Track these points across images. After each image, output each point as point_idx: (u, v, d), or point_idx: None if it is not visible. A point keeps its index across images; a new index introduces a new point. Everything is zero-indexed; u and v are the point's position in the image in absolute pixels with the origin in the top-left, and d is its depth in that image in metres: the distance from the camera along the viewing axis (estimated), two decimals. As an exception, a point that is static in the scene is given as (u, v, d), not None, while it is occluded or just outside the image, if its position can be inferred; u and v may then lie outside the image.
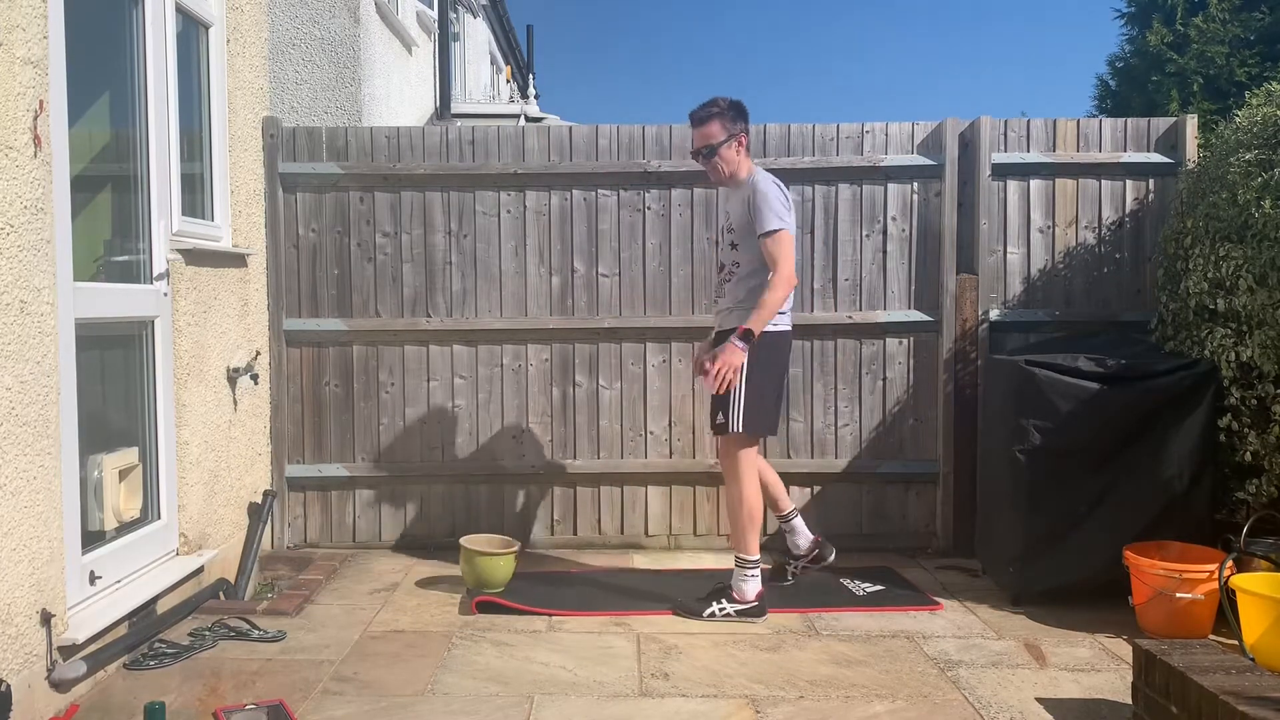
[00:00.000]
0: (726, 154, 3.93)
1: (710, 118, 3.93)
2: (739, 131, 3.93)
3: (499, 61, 15.60)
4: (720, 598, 3.97)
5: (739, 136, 3.93)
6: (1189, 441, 4.00)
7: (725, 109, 3.93)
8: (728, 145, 3.92)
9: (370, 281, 5.00)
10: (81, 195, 3.50)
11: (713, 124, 3.92)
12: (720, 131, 3.91)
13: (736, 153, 3.94)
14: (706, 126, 3.94)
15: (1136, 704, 2.96)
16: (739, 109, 3.96)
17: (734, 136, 3.92)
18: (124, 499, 3.63)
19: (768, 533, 4.74)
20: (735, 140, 3.93)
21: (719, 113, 3.92)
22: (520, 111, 9.71)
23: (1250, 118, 4.15)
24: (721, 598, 3.97)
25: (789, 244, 3.81)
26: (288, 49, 6.65)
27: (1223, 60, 7.57)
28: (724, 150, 3.92)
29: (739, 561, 3.98)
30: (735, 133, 3.92)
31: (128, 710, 3.09)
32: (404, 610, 4.11)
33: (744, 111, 3.98)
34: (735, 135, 3.92)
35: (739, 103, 3.98)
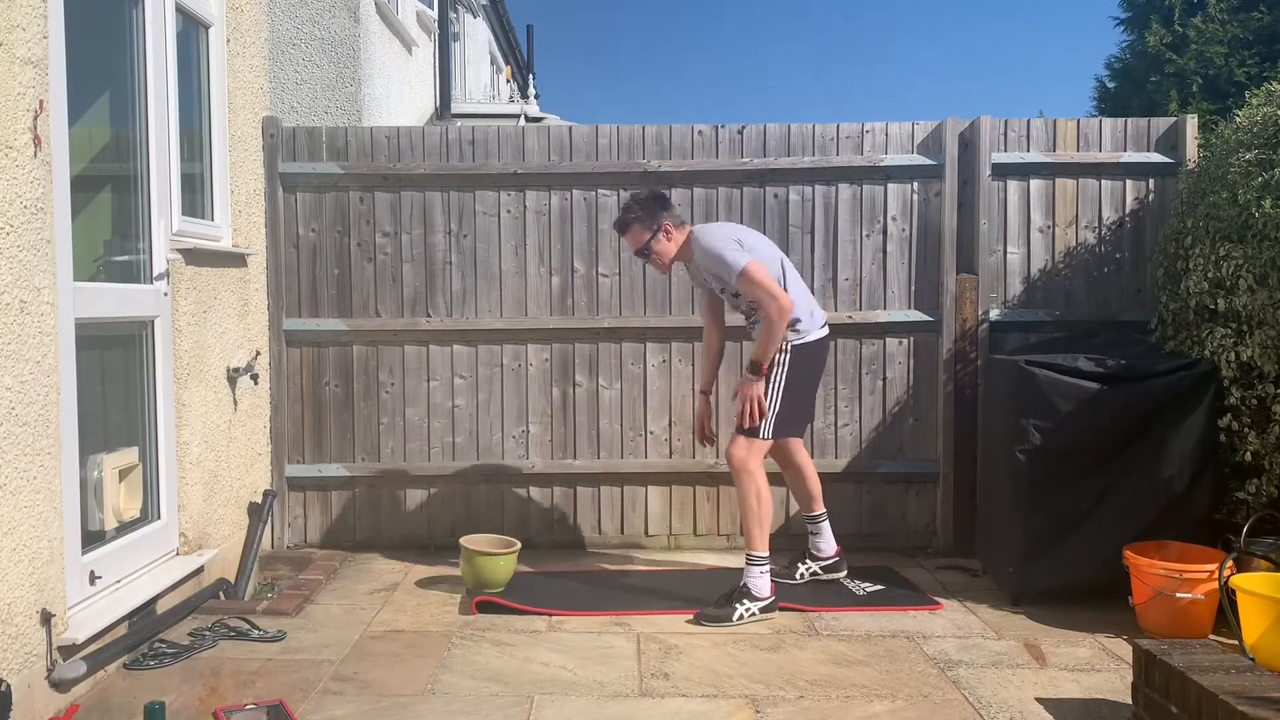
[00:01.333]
0: (659, 248, 4.07)
1: (630, 224, 4.08)
2: (661, 223, 4.05)
3: (499, 61, 15.60)
4: (742, 599, 3.97)
5: (663, 227, 4.05)
6: (1189, 441, 4.00)
7: (639, 211, 4.07)
8: (655, 240, 4.06)
9: (370, 281, 5.00)
10: (81, 195, 3.50)
11: (633, 229, 4.08)
12: (644, 232, 4.06)
13: (668, 240, 4.07)
14: (630, 233, 4.11)
15: (1136, 704, 2.96)
16: (653, 202, 4.10)
17: (658, 231, 4.05)
18: (124, 499, 3.63)
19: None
20: (661, 232, 4.05)
21: (635, 217, 4.07)
22: (520, 111, 9.71)
23: (1250, 117, 4.15)
24: (743, 598, 3.97)
25: (761, 271, 3.88)
26: (288, 49, 6.65)
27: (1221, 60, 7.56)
28: (655, 245, 4.07)
29: (752, 559, 3.99)
30: (657, 227, 4.05)
31: (128, 710, 3.09)
32: (404, 610, 4.10)
33: (660, 200, 4.13)
34: (659, 228, 4.05)
35: (652, 196, 4.15)
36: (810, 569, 4.40)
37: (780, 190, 4.97)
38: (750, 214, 4.97)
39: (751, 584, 3.98)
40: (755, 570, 3.99)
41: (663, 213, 4.07)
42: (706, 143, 4.98)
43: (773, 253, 4.11)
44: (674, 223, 4.10)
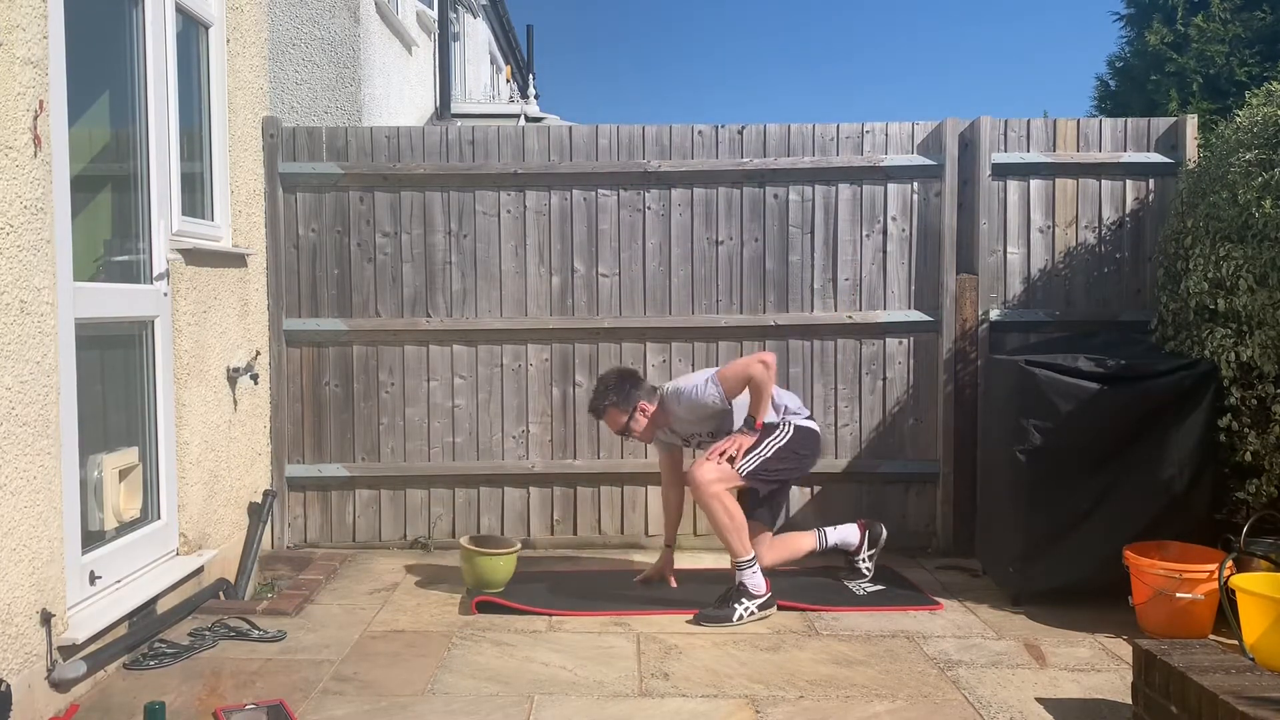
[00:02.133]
0: (638, 425, 4.17)
1: (605, 409, 4.17)
2: (635, 402, 4.14)
3: (499, 61, 15.60)
4: (740, 598, 3.98)
5: (638, 405, 4.14)
6: (1189, 441, 4.00)
7: (614, 397, 4.14)
8: (634, 420, 4.15)
9: (370, 281, 5.00)
10: (81, 195, 3.50)
11: (610, 413, 4.17)
12: (620, 415, 4.15)
13: (645, 416, 4.16)
14: (608, 417, 4.20)
15: (1136, 704, 2.96)
16: (625, 382, 4.17)
17: (633, 411, 4.14)
18: (124, 499, 3.63)
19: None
20: (637, 411, 4.14)
21: (611, 403, 4.15)
22: (520, 111, 9.71)
23: (1251, 117, 4.15)
24: (741, 598, 3.98)
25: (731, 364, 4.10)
26: (288, 49, 6.65)
27: (1223, 60, 7.56)
28: (633, 425, 4.17)
29: (740, 564, 4.00)
30: (631, 407, 4.14)
31: (128, 710, 3.09)
32: (404, 610, 4.11)
33: (632, 379, 4.21)
34: (634, 408, 4.14)
35: (622, 377, 4.21)
36: (863, 558, 4.37)
37: (780, 190, 4.97)
38: (750, 214, 4.97)
39: (747, 582, 3.98)
40: (747, 570, 4.00)
41: (635, 391, 4.15)
42: (706, 143, 4.98)
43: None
44: (647, 398, 4.17)
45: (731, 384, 4.04)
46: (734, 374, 4.03)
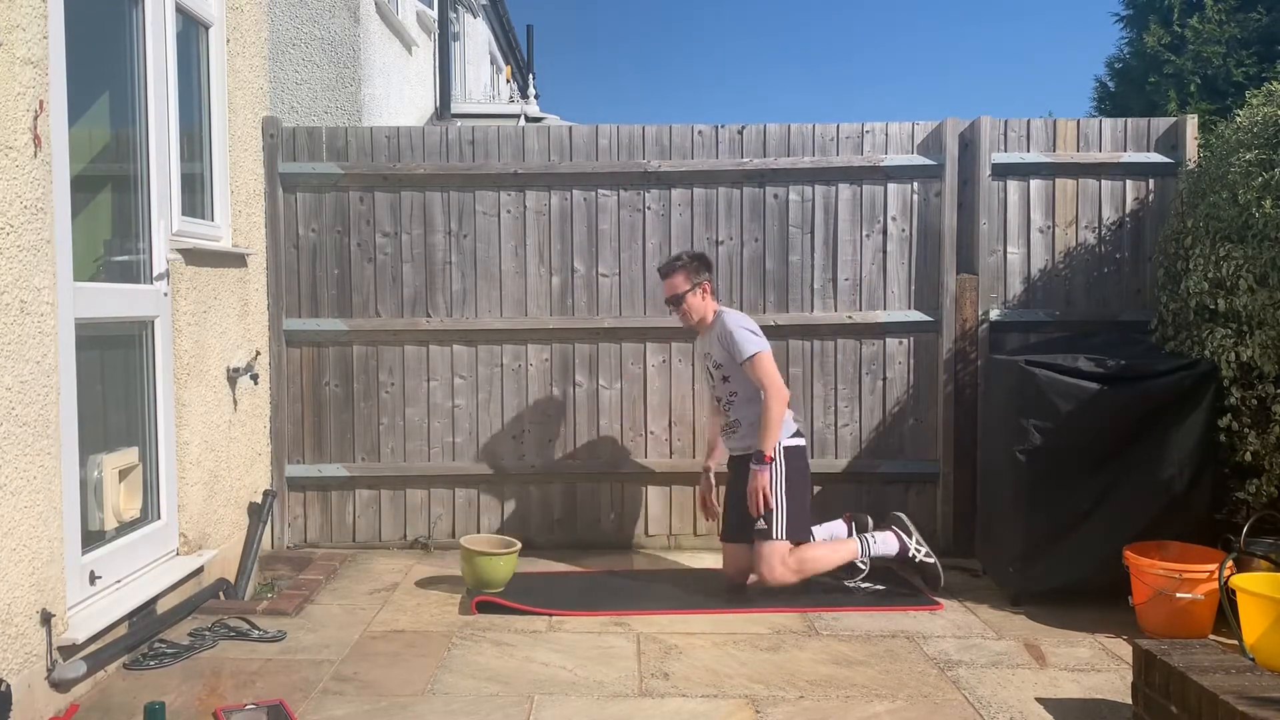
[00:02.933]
0: (693, 301, 4.28)
1: (675, 270, 4.30)
2: (702, 280, 4.29)
3: (499, 61, 15.60)
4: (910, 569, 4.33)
5: (702, 284, 4.28)
6: (1189, 441, 4.00)
7: (688, 261, 4.31)
8: (693, 293, 4.27)
9: (370, 281, 5.00)
10: (81, 195, 3.50)
11: (677, 275, 4.29)
12: (684, 282, 4.27)
13: (702, 299, 4.30)
14: (672, 278, 4.31)
15: (1136, 704, 2.96)
16: (701, 260, 4.35)
17: (698, 285, 4.27)
18: (124, 499, 3.63)
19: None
20: (699, 288, 4.28)
21: (682, 265, 4.30)
22: (520, 111, 9.70)
23: (1251, 118, 4.16)
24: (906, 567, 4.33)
25: (770, 362, 4.15)
26: (288, 49, 6.65)
27: (1220, 61, 7.56)
28: (690, 298, 4.28)
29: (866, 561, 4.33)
30: (699, 282, 4.28)
31: (128, 710, 3.09)
32: (404, 610, 4.10)
33: (706, 262, 4.38)
34: (699, 284, 4.28)
35: (701, 254, 4.41)
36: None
37: (780, 190, 4.97)
38: (750, 214, 4.97)
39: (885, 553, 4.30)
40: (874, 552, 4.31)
41: (706, 273, 4.32)
42: (706, 143, 4.99)
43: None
44: (711, 287, 4.34)
45: (751, 371, 4.13)
46: (759, 373, 4.11)
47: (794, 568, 4.14)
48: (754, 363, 4.12)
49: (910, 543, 4.32)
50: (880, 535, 4.34)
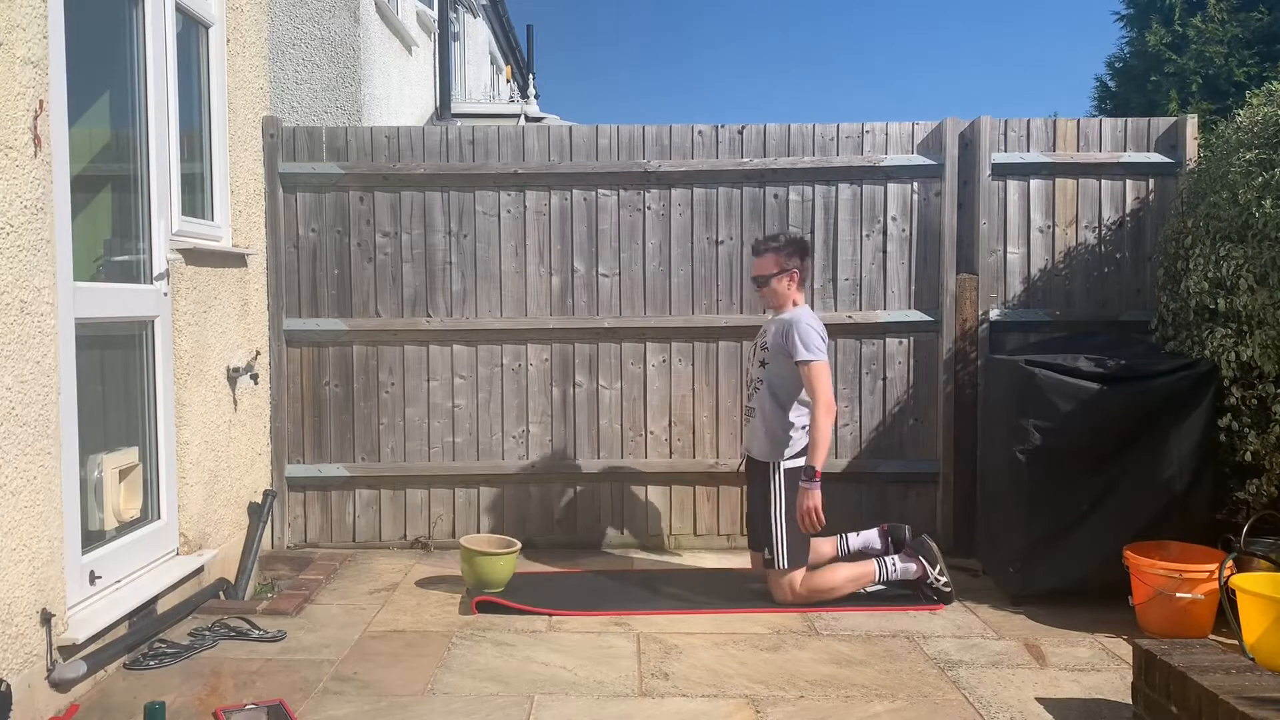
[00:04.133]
0: (777, 286, 4.18)
1: (767, 250, 4.20)
2: (792, 267, 4.17)
3: (499, 61, 15.60)
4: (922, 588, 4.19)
5: (791, 272, 4.17)
6: (1189, 441, 4.00)
7: (783, 245, 4.19)
8: (779, 278, 4.17)
9: (370, 281, 5.00)
10: (81, 195, 3.50)
11: (767, 256, 4.20)
12: (773, 264, 4.18)
13: (788, 286, 4.19)
14: (763, 258, 4.22)
15: (1136, 704, 2.96)
16: (797, 245, 4.22)
17: (786, 271, 4.17)
18: (124, 499, 3.63)
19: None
20: (787, 275, 4.17)
21: (776, 248, 4.19)
22: (520, 111, 9.70)
23: (1251, 117, 4.16)
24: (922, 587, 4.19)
25: (825, 374, 4.03)
26: (288, 49, 6.65)
27: (1221, 60, 7.56)
28: (775, 282, 4.18)
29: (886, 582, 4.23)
30: (788, 268, 4.17)
31: (128, 710, 3.09)
32: (404, 610, 4.10)
33: (802, 247, 4.23)
34: (788, 270, 4.17)
35: (799, 240, 4.27)
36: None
37: (780, 190, 4.97)
38: (750, 214, 4.97)
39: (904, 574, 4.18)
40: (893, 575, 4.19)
41: (798, 259, 4.19)
42: (706, 143, 4.98)
43: None
44: (801, 276, 4.21)
45: (806, 376, 4.01)
46: (814, 381, 4.00)
47: (804, 595, 4.11)
48: (810, 369, 4.00)
49: (932, 573, 4.19)
50: (901, 565, 4.21)
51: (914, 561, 4.22)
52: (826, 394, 4.01)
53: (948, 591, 4.19)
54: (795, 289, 4.21)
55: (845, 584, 4.15)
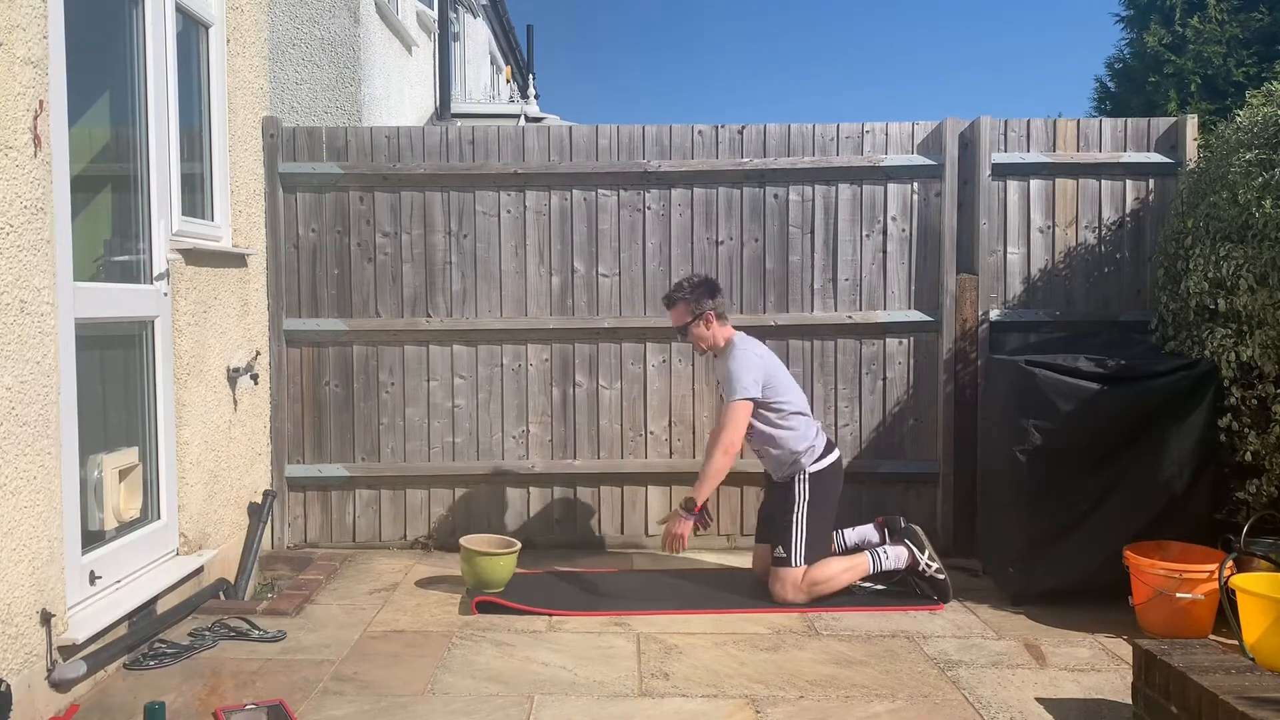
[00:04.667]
0: (697, 332, 4.24)
1: (676, 301, 4.27)
2: (705, 310, 4.21)
3: (499, 61, 15.60)
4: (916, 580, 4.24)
5: (705, 315, 4.21)
6: (1189, 441, 4.00)
7: (689, 291, 4.24)
8: (695, 324, 4.22)
9: (370, 281, 5.00)
10: (81, 195, 3.50)
11: (678, 306, 4.26)
12: (686, 313, 4.23)
13: (707, 328, 4.23)
14: (674, 309, 4.28)
15: (1136, 704, 2.96)
16: (704, 288, 4.25)
17: (700, 316, 4.21)
18: (124, 499, 3.63)
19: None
20: (702, 319, 4.21)
21: (682, 296, 4.25)
22: (520, 111, 9.70)
23: (1251, 118, 4.16)
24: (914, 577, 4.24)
25: (743, 414, 4.10)
26: (288, 49, 6.65)
27: (1220, 61, 7.57)
28: (693, 330, 4.24)
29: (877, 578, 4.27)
30: (700, 312, 4.21)
31: (128, 710, 3.09)
32: (404, 610, 4.10)
33: (710, 288, 4.26)
34: (701, 315, 4.21)
35: (705, 281, 4.30)
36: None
37: (780, 190, 4.97)
38: (750, 214, 4.97)
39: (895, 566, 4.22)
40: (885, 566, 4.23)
41: (708, 300, 4.23)
42: (706, 143, 4.99)
43: (795, 395, 4.25)
44: (716, 313, 4.24)
45: (725, 412, 4.13)
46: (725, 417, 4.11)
47: (806, 592, 4.12)
48: (729, 408, 4.10)
49: (922, 558, 4.24)
50: (893, 551, 4.26)
51: (903, 546, 4.27)
52: (734, 436, 4.09)
53: (941, 579, 4.21)
54: (718, 327, 4.25)
55: (841, 574, 4.17)
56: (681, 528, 4.08)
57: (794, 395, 4.24)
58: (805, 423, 4.23)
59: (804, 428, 4.21)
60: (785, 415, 4.17)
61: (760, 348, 4.28)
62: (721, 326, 4.27)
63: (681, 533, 4.08)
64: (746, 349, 4.20)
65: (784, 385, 4.23)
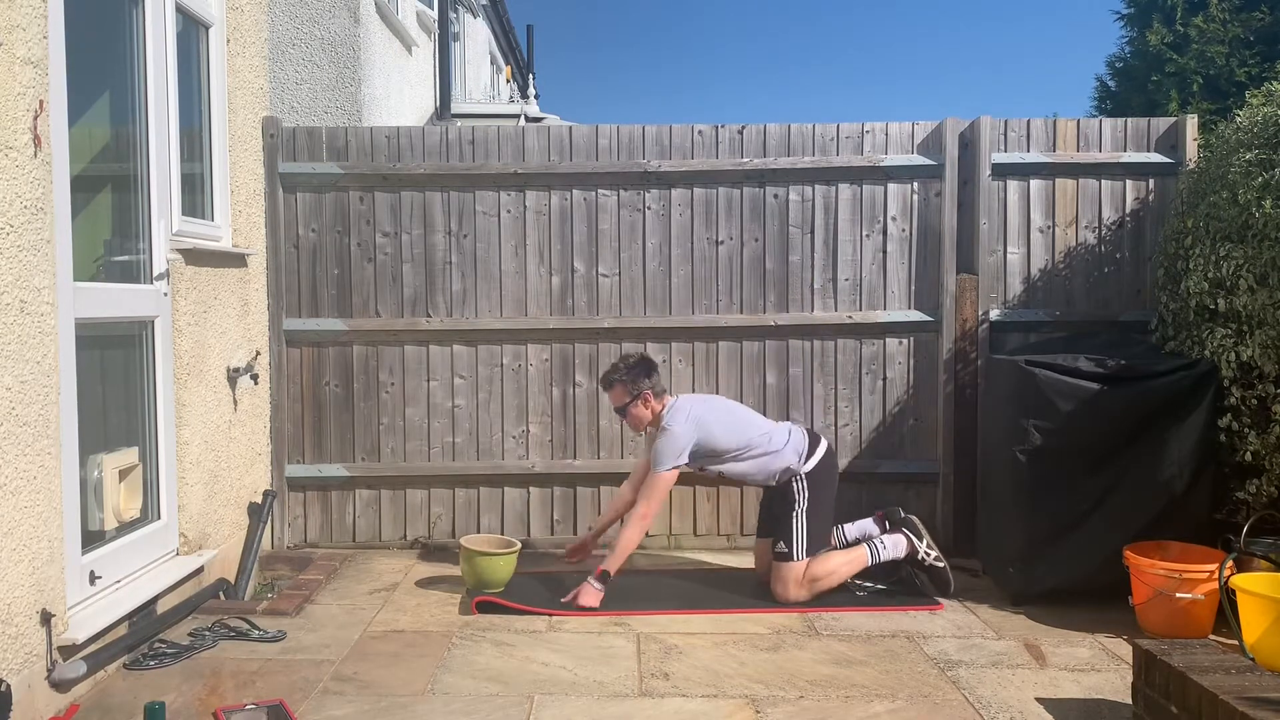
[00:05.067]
0: (635, 411, 4.27)
1: (614, 383, 4.30)
2: (642, 389, 4.25)
3: (499, 61, 15.59)
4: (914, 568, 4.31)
5: (642, 394, 4.25)
6: (1189, 441, 4.00)
7: (625, 374, 4.27)
8: (634, 405, 4.26)
9: (370, 281, 5.00)
10: (81, 195, 3.50)
11: (616, 389, 4.29)
12: (624, 394, 4.26)
13: (645, 406, 4.27)
14: (612, 391, 4.32)
15: (1136, 704, 2.96)
16: (640, 368, 4.28)
17: (637, 397, 4.24)
18: (124, 499, 3.63)
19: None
20: (640, 399, 4.25)
21: (619, 379, 4.28)
22: (520, 111, 9.70)
23: (1251, 118, 4.15)
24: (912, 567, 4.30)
25: (666, 486, 4.17)
26: (288, 49, 6.65)
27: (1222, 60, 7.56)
28: (632, 410, 4.27)
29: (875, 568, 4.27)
30: (637, 393, 4.24)
31: (128, 710, 3.09)
32: (404, 610, 4.10)
33: (646, 368, 4.30)
34: (639, 394, 4.24)
35: (641, 361, 4.33)
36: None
37: (780, 190, 4.97)
38: (750, 214, 4.97)
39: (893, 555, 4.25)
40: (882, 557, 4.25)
41: (644, 380, 4.26)
42: (706, 143, 4.98)
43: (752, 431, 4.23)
44: (654, 391, 4.28)
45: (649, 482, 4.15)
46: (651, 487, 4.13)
47: (808, 589, 4.13)
48: (655, 476, 4.13)
49: (920, 546, 4.27)
50: (890, 539, 4.30)
51: (900, 535, 4.30)
52: (652, 508, 4.14)
53: (941, 566, 4.23)
54: (655, 403, 4.28)
55: (842, 567, 4.20)
56: (593, 599, 4.06)
57: (750, 433, 4.21)
58: (773, 442, 4.21)
59: (774, 450, 4.20)
60: (744, 457, 4.20)
61: (698, 408, 4.24)
62: (659, 400, 4.29)
63: (593, 605, 4.04)
64: (679, 420, 4.16)
65: (731, 430, 4.20)
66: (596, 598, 4.06)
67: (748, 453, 4.21)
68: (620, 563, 4.13)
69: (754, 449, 4.20)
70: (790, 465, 4.21)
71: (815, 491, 4.20)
